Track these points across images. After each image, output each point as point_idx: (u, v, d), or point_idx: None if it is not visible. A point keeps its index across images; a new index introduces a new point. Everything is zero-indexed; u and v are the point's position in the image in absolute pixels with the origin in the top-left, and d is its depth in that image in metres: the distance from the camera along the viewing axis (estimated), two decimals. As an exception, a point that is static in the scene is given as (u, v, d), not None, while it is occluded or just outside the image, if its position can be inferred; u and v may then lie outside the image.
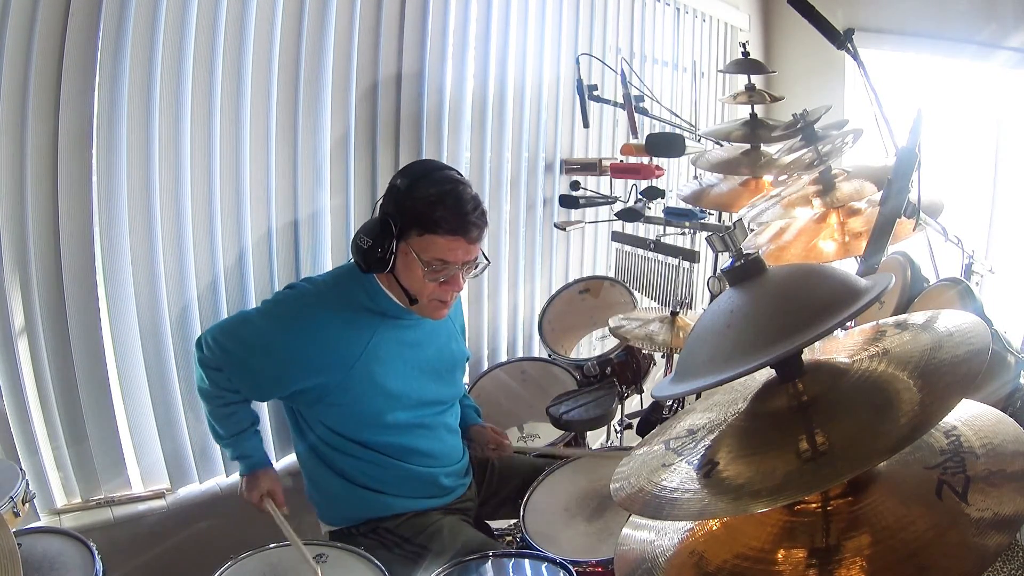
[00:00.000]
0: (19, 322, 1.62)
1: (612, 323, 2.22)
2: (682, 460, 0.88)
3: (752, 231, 2.00)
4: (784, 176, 2.13)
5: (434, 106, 2.34)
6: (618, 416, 2.56)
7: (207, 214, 1.85)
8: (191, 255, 1.83)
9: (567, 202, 2.87)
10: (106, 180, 1.66)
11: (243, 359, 1.63)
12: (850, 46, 1.58)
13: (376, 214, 1.62)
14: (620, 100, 2.68)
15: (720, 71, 4.18)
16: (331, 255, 2.12)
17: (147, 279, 1.77)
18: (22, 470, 1.42)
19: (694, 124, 3.27)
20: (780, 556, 0.80)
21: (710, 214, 2.75)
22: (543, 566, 1.48)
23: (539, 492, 1.77)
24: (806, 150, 1.99)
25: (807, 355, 0.89)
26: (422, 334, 1.73)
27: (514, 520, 1.73)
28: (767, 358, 0.77)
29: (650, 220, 2.77)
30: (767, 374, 0.89)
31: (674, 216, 2.68)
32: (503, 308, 2.83)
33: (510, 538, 1.91)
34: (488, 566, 1.49)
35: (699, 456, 0.87)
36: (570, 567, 1.44)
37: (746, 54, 2.80)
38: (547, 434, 2.18)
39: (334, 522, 1.78)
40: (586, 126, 2.88)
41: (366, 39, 2.11)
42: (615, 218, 2.80)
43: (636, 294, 2.69)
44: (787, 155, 2.11)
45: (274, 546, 1.50)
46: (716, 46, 4.16)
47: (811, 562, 0.77)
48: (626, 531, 0.98)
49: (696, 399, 1.12)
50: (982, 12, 3.77)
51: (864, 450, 0.73)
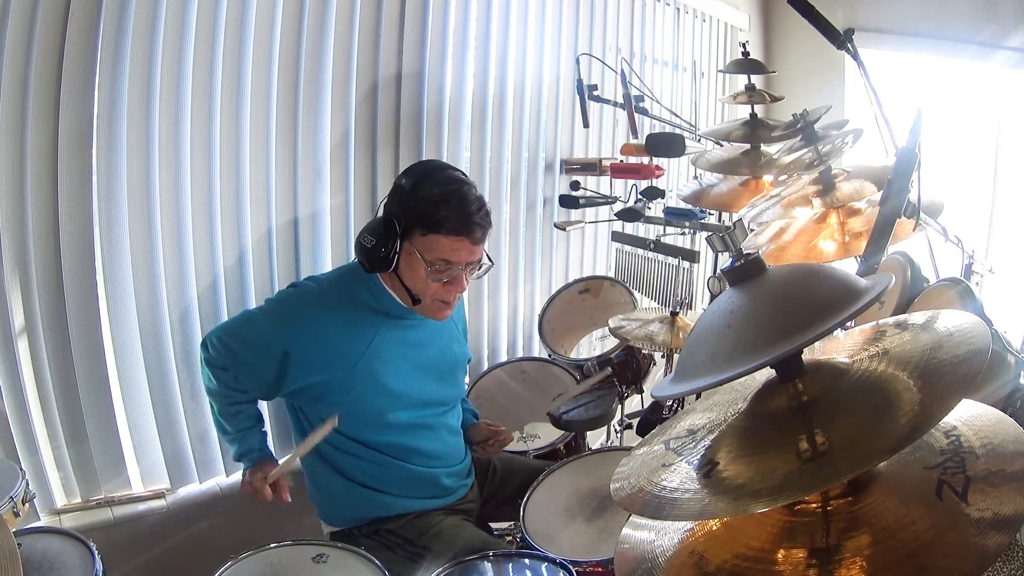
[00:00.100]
0: (19, 322, 1.62)
1: (612, 323, 2.21)
2: (682, 460, 0.88)
3: (752, 231, 2.00)
4: (784, 176, 2.12)
5: (434, 106, 2.34)
6: (618, 416, 2.56)
7: (207, 214, 1.85)
8: (191, 255, 1.83)
9: (567, 202, 2.87)
10: (106, 180, 1.66)
11: (248, 358, 1.64)
12: (850, 46, 1.58)
13: (380, 214, 1.62)
14: (620, 100, 2.68)
15: (720, 71, 4.18)
16: (331, 255, 2.12)
17: (147, 279, 1.77)
18: (22, 470, 1.42)
19: (694, 124, 3.27)
20: (780, 556, 0.80)
21: (710, 214, 2.75)
22: (543, 566, 1.48)
23: (539, 492, 1.77)
24: (806, 150, 1.99)
25: (807, 355, 0.89)
26: (424, 334, 1.73)
27: (514, 520, 1.73)
28: (767, 358, 0.77)
29: (650, 220, 2.77)
30: (767, 374, 0.89)
31: (674, 216, 2.68)
32: (503, 308, 2.83)
33: (510, 538, 1.91)
34: (488, 566, 1.49)
35: (699, 456, 0.87)
36: (570, 567, 1.44)
37: (746, 54, 2.80)
38: (547, 434, 2.18)
39: (335, 522, 1.78)
40: (586, 126, 2.88)
41: (366, 39, 2.11)
42: (615, 218, 2.80)
43: (636, 294, 2.69)
44: (787, 155, 2.11)
45: (274, 546, 1.50)
46: (716, 46, 4.16)
47: (811, 562, 0.77)
48: (626, 531, 0.98)
49: (696, 399, 1.12)
50: (982, 12, 3.77)
51: (864, 450, 0.73)
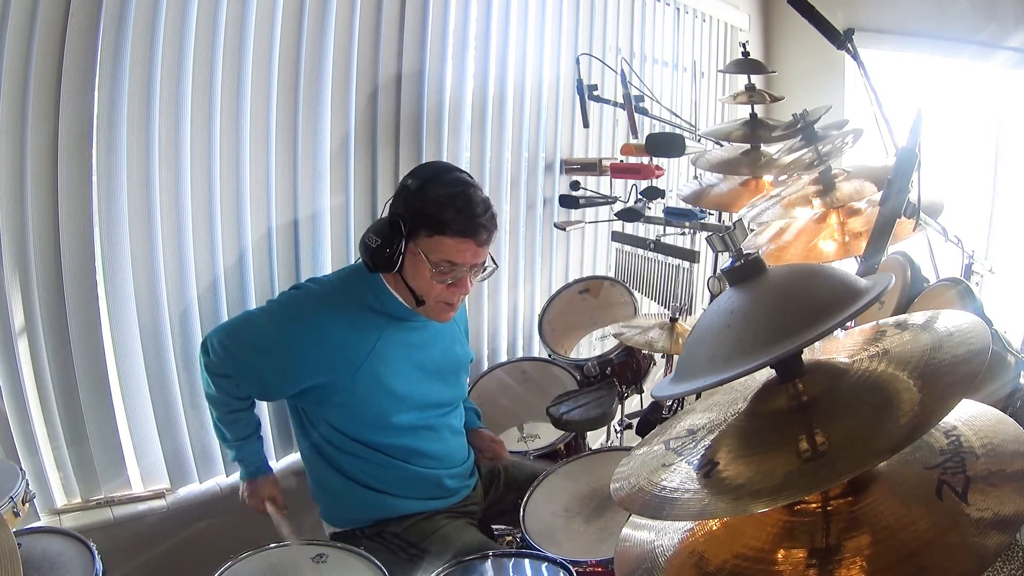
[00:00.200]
0: (19, 322, 1.62)
1: (612, 330, 2.22)
2: (682, 460, 0.88)
3: (752, 231, 2.00)
4: (784, 176, 2.12)
5: (434, 106, 2.34)
6: (618, 416, 2.56)
7: (207, 214, 1.85)
8: (191, 255, 1.83)
9: (567, 202, 2.87)
10: (106, 180, 1.66)
11: (249, 361, 1.63)
12: (850, 46, 1.58)
13: (384, 214, 1.62)
14: (620, 100, 2.68)
15: (720, 71, 4.18)
16: (331, 255, 2.12)
17: (147, 279, 1.77)
18: (22, 470, 1.42)
19: (694, 124, 3.27)
20: (780, 556, 0.80)
21: (710, 214, 2.75)
22: (543, 566, 1.48)
23: (539, 492, 1.77)
24: (806, 150, 1.99)
25: (807, 355, 0.89)
26: (428, 336, 1.73)
27: (514, 520, 1.73)
28: (767, 358, 0.77)
29: (650, 220, 2.77)
30: (767, 374, 0.89)
31: (674, 216, 2.68)
32: (503, 308, 2.83)
33: (510, 538, 1.91)
34: (488, 566, 1.49)
35: (699, 456, 0.87)
36: (570, 567, 1.44)
37: (746, 54, 2.80)
38: (547, 434, 2.18)
39: (337, 523, 1.78)
40: (586, 126, 2.88)
41: (366, 39, 2.11)
42: (615, 218, 2.80)
43: (636, 294, 2.69)
44: (787, 155, 2.11)
45: (274, 546, 1.50)
46: (716, 46, 4.16)
47: (811, 562, 0.77)
48: (626, 531, 0.98)
49: (696, 399, 1.12)
50: (982, 12, 3.77)
51: (864, 450, 0.73)
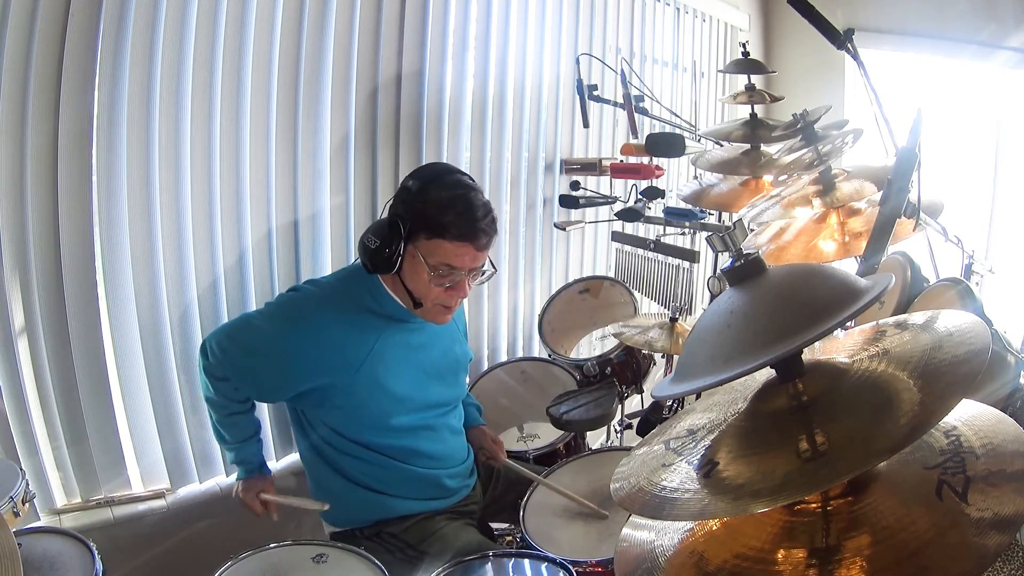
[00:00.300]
0: (19, 322, 1.62)
1: (612, 330, 2.22)
2: (682, 460, 0.88)
3: (752, 231, 2.00)
4: (784, 176, 2.13)
5: (434, 106, 2.34)
6: (618, 416, 2.56)
7: (207, 214, 1.84)
8: (191, 255, 1.83)
9: (567, 202, 2.87)
10: (106, 180, 1.66)
11: (248, 363, 1.63)
12: (850, 46, 1.58)
13: (384, 214, 1.62)
14: (620, 100, 2.68)
15: (720, 71, 4.18)
16: (331, 255, 2.12)
17: (147, 279, 1.77)
18: (22, 470, 1.41)
19: (694, 124, 3.27)
20: (780, 556, 0.80)
21: (710, 214, 2.75)
22: (543, 566, 1.48)
23: (539, 492, 1.77)
24: (806, 150, 1.99)
25: (807, 355, 0.89)
26: (426, 337, 1.72)
27: (514, 520, 1.73)
28: (767, 358, 0.77)
29: (650, 220, 2.77)
30: (767, 374, 0.89)
31: (674, 216, 2.68)
32: (503, 308, 2.83)
33: (510, 538, 1.91)
34: (488, 566, 1.49)
35: (699, 456, 0.87)
36: (570, 567, 1.44)
37: (746, 54, 2.80)
38: (547, 434, 2.18)
39: (337, 523, 1.78)
40: (586, 126, 2.88)
41: (366, 39, 2.11)
42: (615, 218, 2.80)
43: (636, 294, 2.69)
44: (787, 155, 2.11)
45: (274, 546, 1.50)
46: (716, 46, 4.16)
47: (811, 562, 0.77)
48: (626, 531, 0.98)
49: (696, 399, 1.12)
50: (982, 12, 3.77)
51: (864, 450, 0.73)
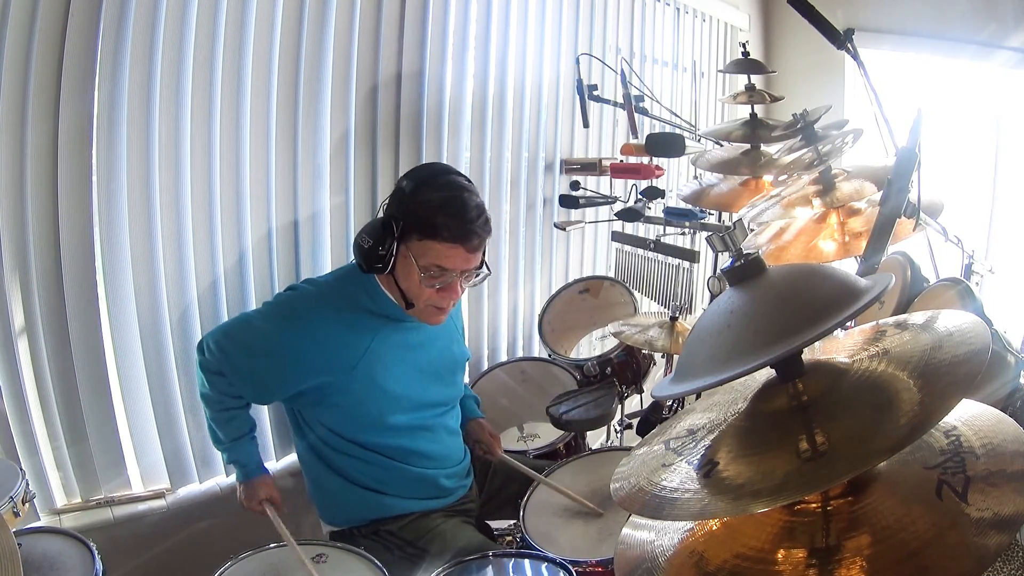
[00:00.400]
0: (19, 322, 1.62)
1: (612, 328, 2.21)
2: (682, 460, 0.88)
3: (752, 231, 2.00)
4: (784, 176, 2.13)
5: (434, 106, 2.34)
6: (618, 416, 2.56)
7: (207, 214, 1.84)
8: (191, 255, 1.83)
9: (567, 202, 2.87)
10: (106, 180, 1.66)
11: (245, 362, 1.63)
12: (850, 46, 1.58)
13: (380, 214, 1.62)
14: (620, 100, 2.68)
15: (720, 71, 4.18)
16: (331, 255, 2.12)
17: (147, 279, 1.77)
18: (22, 470, 1.41)
19: (694, 124, 3.27)
20: (780, 556, 0.80)
21: (710, 214, 2.75)
22: (543, 566, 1.48)
23: (539, 492, 1.77)
24: (806, 150, 1.99)
25: (807, 355, 0.89)
26: (424, 336, 1.72)
27: (514, 520, 1.73)
28: (767, 358, 0.77)
29: (650, 220, 2.77)
30: (767, 374, 0.89)
31: (674, 216, 2.68)
32: (503, 308, 2.83)
33: (510, 538, 1.91)
34: (488, 566, 1.49)
35: (699, 456, 0.87)
36: (570, 567, 1.44)
37: (746, 54, 2.80)
38: (547, 434, 2.18)
39: (335, 522, 1.78)
40: (586, 126, 2.88)
41: (366, 39, 2.11)
42: (615, 218, 2.80)
43: (636, 294, 2.69)
44: (787, 155, 2.11)
45: (274, 546, 1.50)
46: (716, 46, 4.16)
47: (811, 562, 0.77)
48: (626, 531, 0.98)
49: (696, 399, 1.12)
50: (982, 12, 3.77)
51: (864, 450, 0.73)
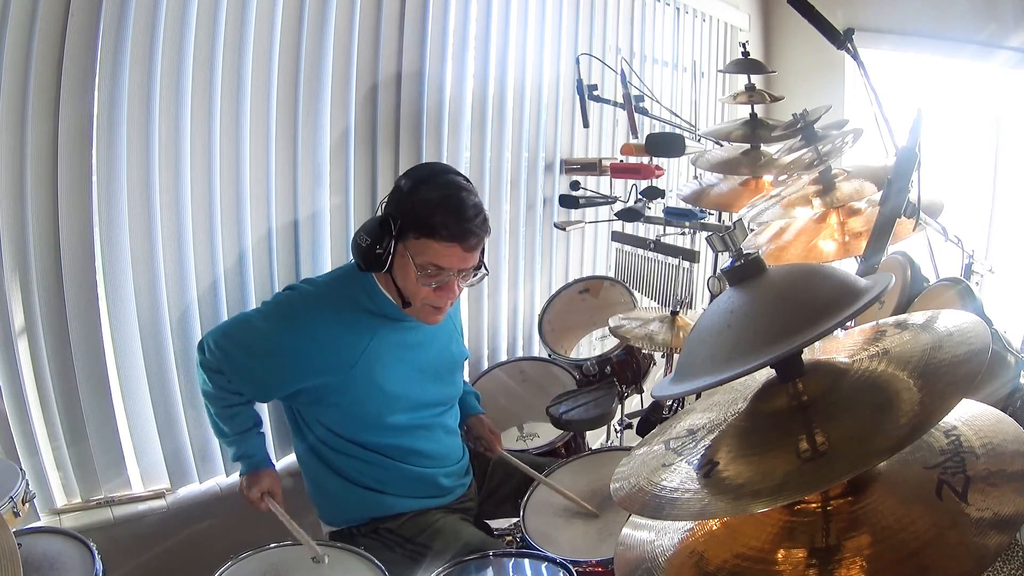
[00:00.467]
0: (19, 322, 1.62)
1: (612, 323, 2.21)
2: (682, 460, 0.88)
3: (752, 231, 2.00)
4: (784, 176, 2.13)
5: (434, 106, 2.34)
6: (618, 416, 2.56)
7: (207, 214, 1.84)
8: (191, 255, 1.83)
9: (567, 202, 2.87)
10: (106, 180, 1.66)
11: (244, 361, 1.63)
12: (850, 46, 1.59)
13: (379, 213, 1.62)
14: (620, 100, 2.68)
15: (720, 71, 4.18)
16: (331, 255, 2.12)
17: (147, 279, 1.77)
18: (22, 470, 1.41)
19: (694, 124, 3.27)
20: (780, 556, 0.80)
21: (710, 214, 2.75)
22: (543, 566, 1.48)
23: (539, 492, 1.77)
24: (806, 150, 1.99)
25: (807, 355, 0.89)
26: (423, 336, 1.72)
27: (514, 519, 1.73)
28: (767, 358, 0.77)
29: (650, 220, 2.77)
30: (767, 374, 0.89)
31: (674, 216, 2.68)
32: (503, 308, 2.83)
33: (510, 538, 1.91)
34: (488, 566, 1.49)
35: (699, 456, 0.87)
36: (570, 567, 1.44)
37: (746, 54, 2.80)
38: (547, 434, 2.18)
39: (335, 522, 1.78)
40: (586, 126, 2.88)
41: (366, 39, 2.11)
42: (615, 218, 2.80)
43: (636, 294, 2.69)
44: (787, 155, 2.11)
45: (274, 546, 1.50)
46: (716, 46, 4.16)
47: (811, 562, 0.77)
48: (626, 531, 0.98)
49: (696, 399, 1.12)
50: (982, 12, 3.77)
51: (864, 450, 0.73)
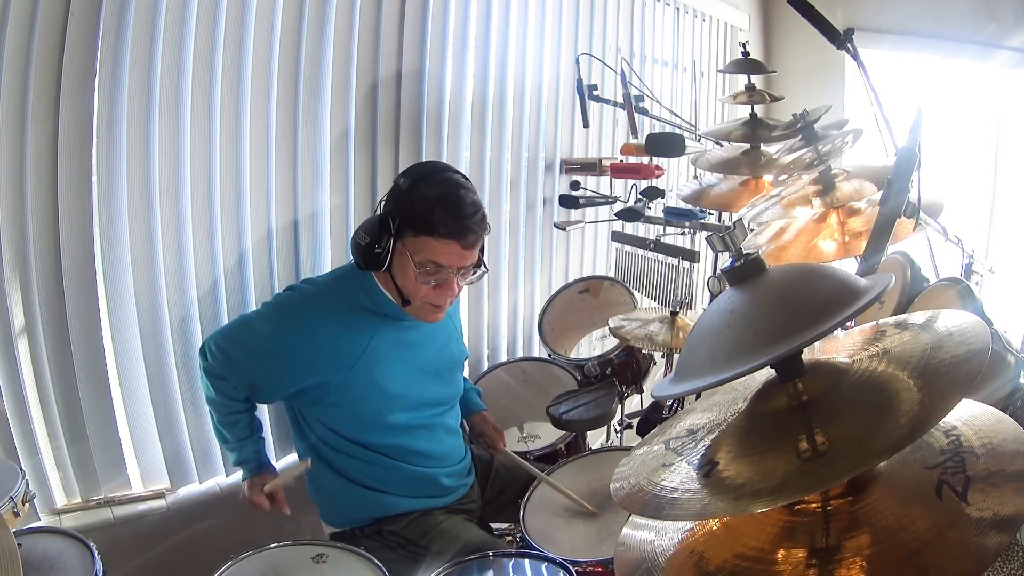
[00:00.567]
0: (19, 322, 1.62)
1: (612, 323, 2.21)
2: (682, 460, 0.88)
3: (752, 231, 2.00)
4: (784, 176, 2.13)
5: (434, 106, 2.34)
6: (618, 416, 2.56)
7: (207, 214, 1.84)
8: (191, 255, 1.83)
9: (567, 202, 2.87)
10: (106, 180, 1.66)
11: (245, 363, 1.64)
12: (850, 46, 1.59)
13: (378, 212, 1.62)
14: (620, 100, 2.68)
15: (720, 71, 4.18)
16: (331, 255, 2.12)
17: (147, 279, 1.77)
18: (22, 470, 1.41)
19: (694, 124, 3.27)
20: (780, 556, 0.80)
21: (710, 214, 2.75)
22: (543, 566, 1.48)
23: (539, 492, 1.77)
24: (806, 150, 1.99)
25: (807, 355, 0.89)
26: (422, 335, 1.72)
27: (514, 520, 1.73)
28: (767, 358, 0.77)
29: (650, 220, 2.77)
30: (767, 374, 0.89)
31: (674, 216, 2.68)
32: (503, 308, 2.83)
33: (510, 538, 1.91)
34: (488, 566, 1.49)
35: (699, 456, 0.87)
36: (570, 567, 1.44)
37: (746, 54, 2.80)
38: (547, 434, 2.18)
39: (336, 523, 1.78)
40: (586, 126, 2.88)
41: (366, 39, 2.11)
42: (615, 218, 2.80)
43: (636, 294, 2.69)
44: (787, 155, 2.11)
45: (274, 546, 1.50)
46: (716, 46, 4.16)
47: (811, 562, 0.77)
48: (626, 531, 0.98)
49: (696, 399, 1.12)
50: (982, 12, 3.77)
51: (864, 450, 0.73)
